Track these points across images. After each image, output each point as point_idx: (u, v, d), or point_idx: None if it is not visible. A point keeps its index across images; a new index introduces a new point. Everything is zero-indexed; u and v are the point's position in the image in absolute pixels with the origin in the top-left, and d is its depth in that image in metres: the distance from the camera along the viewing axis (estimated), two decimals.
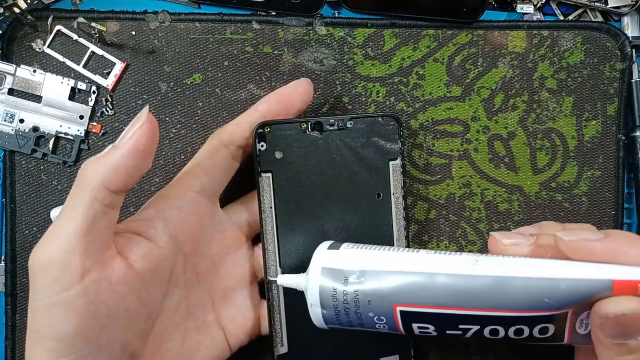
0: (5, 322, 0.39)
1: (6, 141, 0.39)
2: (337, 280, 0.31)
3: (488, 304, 0.28)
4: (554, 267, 0.28)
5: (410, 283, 0.29)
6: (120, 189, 0.29)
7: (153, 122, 0.30)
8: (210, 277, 0.36)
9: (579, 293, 0.27)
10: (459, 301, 0.29)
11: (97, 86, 0.39)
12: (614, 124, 0.42)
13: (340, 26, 0.40)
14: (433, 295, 0.29)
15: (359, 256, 0.31)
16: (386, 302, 0.30)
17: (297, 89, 0.36)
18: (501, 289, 0.28)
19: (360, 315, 0.31)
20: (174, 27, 0.40)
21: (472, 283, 0.28)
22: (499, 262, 0.29)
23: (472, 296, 0.28)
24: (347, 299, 0.30)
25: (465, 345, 0.41)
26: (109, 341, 0.30)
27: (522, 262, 0.29)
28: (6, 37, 0.38)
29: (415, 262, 0.30)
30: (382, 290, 0.30)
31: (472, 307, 0.28)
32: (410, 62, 0.41)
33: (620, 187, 0.42)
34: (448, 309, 0.29)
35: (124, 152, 0.29)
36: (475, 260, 0.29)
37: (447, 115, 0.41)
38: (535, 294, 0.27)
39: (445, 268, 0.29)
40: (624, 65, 0.42)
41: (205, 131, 0.40)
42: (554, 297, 0.27)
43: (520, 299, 0.28)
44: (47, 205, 0.39)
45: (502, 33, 0.41)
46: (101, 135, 0.39)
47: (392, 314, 0.30)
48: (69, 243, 0.28)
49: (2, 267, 0.39)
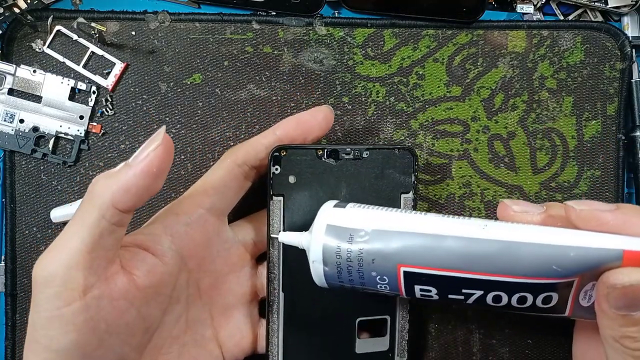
0: (5, 322, 0.39)
1: (6, 141, 0.39)
2: (341, 238, 0.30)
3: (495, 269, 0.28)
4: (564, 235, 0.27)
5: (416, 244, 0.29)
6: (129, 209, 0.29)
7: (169, 144, 0.30)
8: (211, 293, 0.36)
9: (588, 262, 0.27)
10: (466, 264, 0.28)
11: (97, 86, 0.39)
12: (613, 124, 0.42)
13: (340, 26, 0.40)
14: (439, 257, 0.28)
15: (365, 215, 0.31)
16: (390, 261, 0.29)
17: (317, 116, 0.36)
18: (509, 254, 0.27)
19: (363, 274, 0.30)
20: (174, 27, 0.40)
21: (481, 246, 0.28)
22: (508, 227, 0.29)
23: (479, 260, 0.28)
24: (351, 257, 0.30)
25: (465, 346, 0.41)
26: (105, 355, 0.30)
27: (531, 229, 0.28)
28: (6, 37, 0.38)
29: (424, 223, 0.29)
30: (387, 250, 0.29)
31: (478, 271, 0.28)
32: (410, 62, 0.41)
33: (620, 187, 0.42)
34: (454, 272, 0.28)
35: (137, 173, 0.29)
36: (485, 224, 0.29)
37: (447, 115, 0.41)
38: (543, 260, 0.27)
39: (454, 230, 0.29)
40: (624, 65, 0.42)
41: (205, 131, 0.40)
42: (562, 265, 0.27)
43: (528, 265, 0.27)
44: (47, 205, 0.39)
45: (502, 33, 0.41)
46: (101, 136, 0.39)
47: (395, 275, 0.29)
48: (72, 259, 0.28)
49: (2, 267, 0.39)
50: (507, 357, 0.41)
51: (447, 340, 0.41)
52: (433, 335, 0.41)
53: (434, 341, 0.41)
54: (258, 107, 0.40)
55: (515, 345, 0.41)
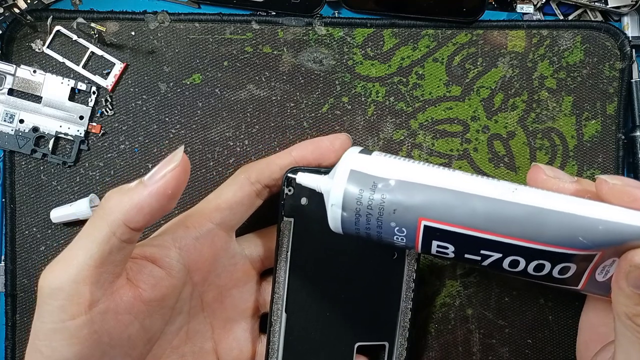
0: (5, 322, 0.39)
1: (6, 141, 0.39)
2: (364, 185, 0.29)
3: (520, 233, 0.27)
4: (595, 207, 0.27)
5: (442, 199, 0.28)
6: (140, 228, 0.29)
7: (186, 165, 0.29)
8: (214, 307, 0.36)
9: (615, 237, 0.26)
10: (490, 225, 0.27)
11: (97, 86, 0.39)
12: (613, 124, 0.42)
13: (339, 26, 0.40)
14: (464, 215, 0.28)
15: (391, 164, 0.30)
16: (412, 214, 0.28)
17: (335, 143, 0.36)
18: (537, 220, 0.27)
19: (382, 223, 0.29)
20: (174, 27, 0.40)
21: (508, 209, 0.27)
22: (538, 193, 0.28)
23: (505, 222, 0.27)
24: (372, 205, 0.29)
25: (465, 346, 0.41)
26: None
27: (562, 197, 0.28)
28: (6, 38, 0.38)
29: (452, 179, 0.29)
30: (410, 202, 0.28)
31: (502, 234, 0.27)
32: (409, 61, 0.41)
33: None
34: (476, 232, 0.28)
35: (152, 193, 0.28)
36: (515, 188, 0.28)
37: (447, 115, 0.41)
38: (571, 230, 0.27)
39: (483, 190, 0.28)
40: (624, 64, 0.42)
41: (205, 131, 0.40)
42: (588, 237, 0.26)
43: (554, 234, 0.27)
44: (47, 205, 0.39)
45: (502, 33, 0.41)
46: (101, 136, 0.39)
47: (415, 227, 0.29)
48: (80, 273, 0.28)
49: (2, 267, 0.39)
50: (507, 357, 0.41)
51: (447, 340, 0.41)
52: (433, 335, 0.41)
53: (434, 341, 0.41)
54: (258, 107, 0.40)
55: (515, 345, 0.41)
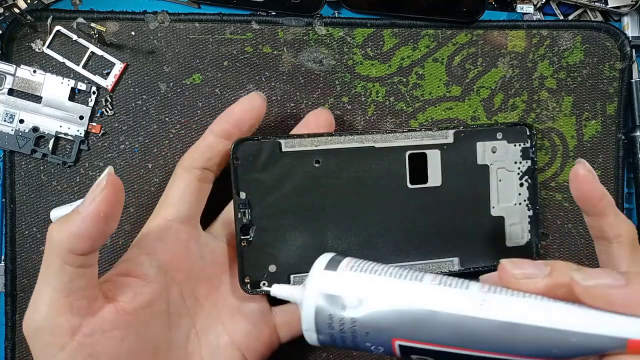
0: (5, 322, 0.39)
1: (6, 141, 0.39)
2: (334, 307, 0.29)
3: (492, 348, 0.27)
4: (566, 316, 0.26)
5: (410, 319, 0.28)
6: (87, 252, 0.29)
7: (115, 186, 0.29)
8: (213, 299, 0.36)
9: (590, 347, 0.25)
10: (462, 342, 0.27)
11: (97, 86, 0.39)
12: (613, 124, 0.42)
13: (339, 26, 0.40)
14: (434, 334, 0.28)
15: (357, 281, 0.29)
16: (385, 335, 0.28)
17: (244, 106, 0.36)
18: (508, 335, 0.26)
19: (358, 343, 0.29)
20: (174, 27, 0.40)
21: (477, 325, 0.27)
22: (507, 303, 0.27)
23: (476, 339, 0.27)
24: (344, 329, 0.29)
25: None
26: None
27: (532, 305, 0.27)
28: (6, 38, 0.38)
29: (417, 295, 0.28)
30: (380, 324, 0.28)
31: (474, 349, 0.27)
32: (409, 62, 0.41)
33: (620, 187, 0.42)
34: (450, 348, 0.28)
35: (85, 219, 0.29)
36: (483, 299, 0.27)
37: (447, 115, 0.41)
38: (543, 344, 0.26)
39: (449, 306, 0.27)
40: (624, 64, 0.42)
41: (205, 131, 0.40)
42: (562, 349, 0.26)
43: (526, 347, 0.26)
44: (47, 205, 0.39)
45: (502, 33, 0.41)
46: (101, 136, 0.39)
47: (390, 346, 0.29)
48: (50, 308, 0.29)
49: (2, 267, 0.39)
50: None
51: None
52: None
53: None
54: None
55: None
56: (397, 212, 0.37)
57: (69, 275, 0.29)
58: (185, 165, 0.35)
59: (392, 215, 0.37)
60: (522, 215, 0.39)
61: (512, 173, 0.39)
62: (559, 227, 0.43)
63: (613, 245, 0.33)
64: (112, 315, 0.31)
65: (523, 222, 0.39)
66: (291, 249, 0.36)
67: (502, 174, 0.39)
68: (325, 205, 0.36)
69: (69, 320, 0.29)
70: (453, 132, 0.37)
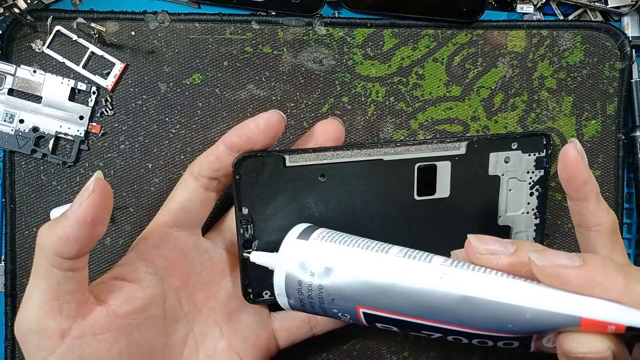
0: (5, 322, 0.39)
1: (6, 141, 0.39)
2: (303, 274, 0.30)
3: (450, 320, 0.28)
4: (522, 292, 0.27)
5: (373, 289, 0.29)
6: (74, 256, 0.29)
7: (103, 191, 0.29)
8: (211, 304, 0.36)
9: (544, 324, 0.26)
10: (422, 313, 0.28)
11: (97, 86, 0.39)
12: (613, 124, 0.42)
13: (339, 26, 0.40)
14: (396, 304, 0.28)
15: (326, 250, 0.31)
16: (349, 303, 0.30)
17: (259, 123, 0.34)
18: (465, 308, 0.27)
19: (325, 309, 0.31)
20: (174, 27, 0.40)
21: (436, 298, 0.28)
22: (467, 277, 0.28)
23: (435, 310, 0.28)
24: (312, 294, 0.30)
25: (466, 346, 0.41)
26: None
27: (490, 281, 0.27)
28: (6, 38, 0.38)
29: (381, 267, 0.29)
30: (345, 292, 0.29)
31: (434, 320, 0.28)
32: (409, 62, 0.41)
33: (620, 187, 0.42)
34: (411, 318, 0.28)
35: (72, 223, 0.29)
36: (443, 272, 0.28)
37: (447, 115, 0.41)
38: (499, 318, 0.27)
39: (410, 278, 0.28)
40: (624, 64, 0.42)
41: (205, 131, 0.40)
42: (517, 324, 0.26)
43: (483, 321, 0.27)
44: (47, 205, 0.39)
45: (502, 33, 0.41)
46: (101, 136, 0.39)
47: (355, 313, 0.30)
48: (39, 311, 0.29)
49: (2, 267, 0.39)
50: (507, 357, 0.41)
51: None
52: None
53: (434, 341, 0.41)
54: (258, 107, 0.40)
55: None
56: (403, 224, 0.37)
57: (57, 278, 0.29)
58: (194, 172, 0.35)
59: (397, 228, 0.37)
60: (529, 224, 0.39)
61: (524, 183, 0.38)
62: (559, 227, 0.43)
63: (592, 233, 0.33)
64: (103, 318, 0.31)
65: (529, 230, 0.39)
66: None
67: (513, 183, 0.38)
68: (330, 218, 0.36)
69: (59, 323, 0.29)
70: (466, 144, 0.36)
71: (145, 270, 0.33)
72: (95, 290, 0.32)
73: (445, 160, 0.36)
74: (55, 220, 0.29)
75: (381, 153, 0.35)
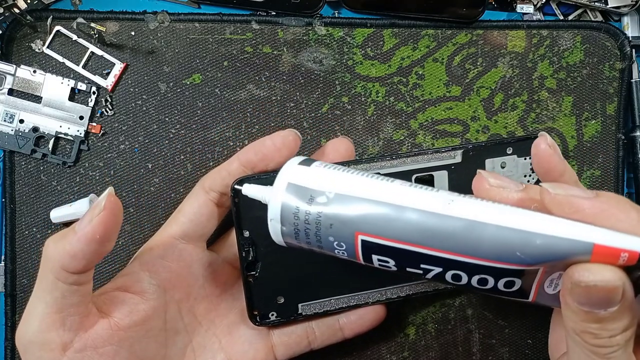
0: (5, 322, 0.39)
1: (6, 141, 0.39)
2: (302, 198, 0.28)
3: (455, 248, 0.26)
4: (532, 219, 0.25)
5: (376, 213, 0.27)
6: (81, 271, 0.29)
7: (114, 208, 0.29)
8: (211, 317, 0.36)
9: (555, 252, 0.24)
10: (425, 240, 0.26)
11: (96, 86, 0.39)
12: (613, 124, 0.42)
13: (339, 26, 0.40)
14: (398, 230, 0.27)
15: (329, 176, 0.29)
16: (348, 228, 0.28)
17: (276, 142, 0.33)
18: (471, 234, 0.25)
19: (320, 237, 0.29)
20: (174, 27, 0.40)
21: (442, 223, 0.26)
22: (475, 204, 0.26)
23: (439, 237, 0.26)
24: (309, 220, 0.28)
25: (465, 346, 0.41)
26: None
27: (499, 209, 0.26)
28: (6, 38, 0.38)
29: (387, 191, 0.28)
30: (346, 216, 0.27)
31: (437, 248, 0.26)
32: (409, 62, 0.41)
33: (620, 187, 0.42)
34: (412, 246, 0.27)
35: (80, 239, 0.28)
36: (451, 199, 0.26)
37: (447, 115, 0.41)
38: (507, 245, 0.25)
39: (417, 203, 0.27)
40: (624, 64, 0.42)
41: (205, 131, 0.40)
42: (526, 252, 0.25)
43: (490, 248, 0.25)
44: (47, 205, 0.39)
45: (502, 33, 0.41)
46: (101, 136, 0.39)
47: (353, 242, 0.28)
48: (42, 323, 0.29)
49: (1, 267, 0.39)
50: (507, 357, 0.41)
51: (447, 340, 0.41)
52: (433, 335, 0.41)
53: (434, 341, 0.41)
54: (258, 107, 0.40)
55: (515, 345, 0.41)
56: None
57: (61, 291, 0.29)
58: (205, 186, 0.35)
59: None
60: None
61: None
62: None
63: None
64: (105, 331, 0.31)
65: None
66: (298, 280, 0.36)
67: None
68: None
69: (61, 335, 0.29)
70: (461, 152, 0.36)
71: (149, 281, 0.33)
72: (97, 302, 0.31)
73: (442, 170, 0.36)
74: (63, 233, 0.29)
75: (378, 167, 0.35)
